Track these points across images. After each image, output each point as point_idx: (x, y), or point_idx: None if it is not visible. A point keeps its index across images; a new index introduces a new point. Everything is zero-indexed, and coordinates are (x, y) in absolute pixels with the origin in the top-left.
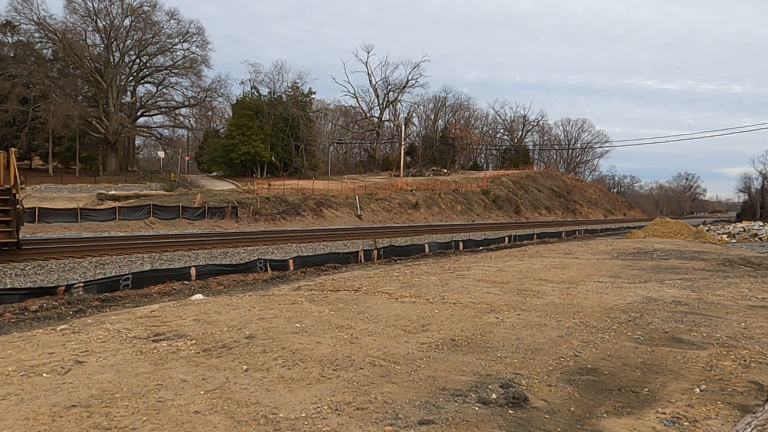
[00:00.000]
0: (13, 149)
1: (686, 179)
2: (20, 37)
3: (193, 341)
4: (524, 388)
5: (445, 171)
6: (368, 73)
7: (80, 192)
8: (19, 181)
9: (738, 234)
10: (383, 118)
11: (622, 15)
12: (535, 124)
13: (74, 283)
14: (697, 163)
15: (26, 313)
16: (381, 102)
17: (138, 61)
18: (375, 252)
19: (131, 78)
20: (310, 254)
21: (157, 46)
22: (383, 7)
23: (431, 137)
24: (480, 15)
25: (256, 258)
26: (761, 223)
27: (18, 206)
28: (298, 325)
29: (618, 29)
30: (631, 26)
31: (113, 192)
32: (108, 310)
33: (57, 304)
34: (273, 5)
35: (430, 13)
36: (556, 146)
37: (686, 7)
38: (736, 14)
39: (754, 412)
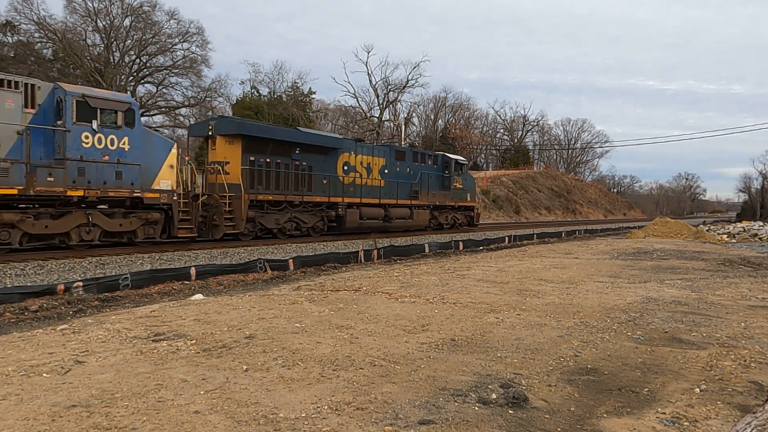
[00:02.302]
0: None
1: (686, 179)
2: (20, 37)
3: (193, 341)
4: (524, 388)
5: None
6: (368, 73)
7: None
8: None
9: (738, 234)
10: (383, 118)
11: (624, 15)
12: (535, 124)
13: (74, 283)
14: (697, 163)
15: (26, 313)
16: (381, 102)
17: (138, 61)
18: (375, 252)
19: (131, 78)
20: (310, 254)
21: (157, 46)
22: (385, 7)
23: (431, 137)
24: (481, 15)
25: (256, 258)
26: (761, 223)
27: (477, 211)
28: (298, 325)
29: (620, 29)
30: (633, 26)
31: None
32: (108, 309)
33: (57, 304)
34: (275, 5)
35: (431, 13)
36: (556, 146)
37: (689, 6)
38: (738, 14)
39: (754, 412)
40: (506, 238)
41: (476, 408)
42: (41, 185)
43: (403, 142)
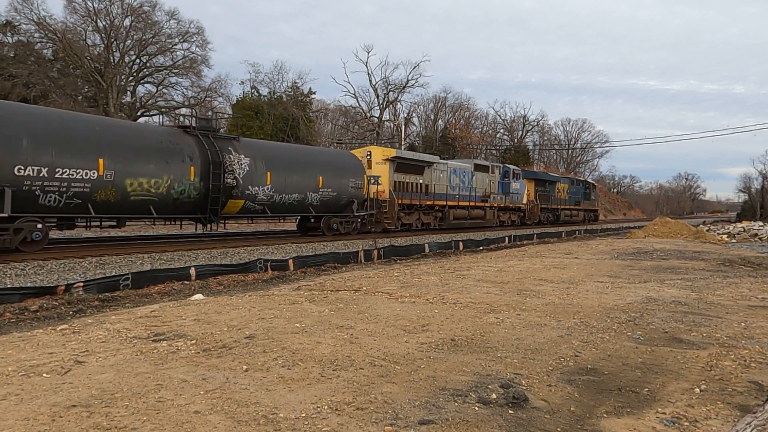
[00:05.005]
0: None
1: (686, 179)
2: (20, 37)
3: (193, 341)
4: (524, 388)
5: None
6: (368, 73)
7: None
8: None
9: (738, 234)
10: (383, 118)
11: (626, 15)
12: (535, 124)
13: (74, 283)
14: (697, 163)
15: (26, 313)
16: (381, 102)
17: (138, 61)
18: (375, 252)
19: (131, 78)
20: (310, 254)
21: (157, 46)
22: (387, 7)
23: (431, 137)
24: (483, 15)
25: (256, 258)
26: (761, 223)
27: (598, 212)
28: (298, 325)
29: (622, 29)
30: (635, 26)
31: None
32: (108, 309)
33: (57, 304)
34: (276, 5)
35: (433, 13)
36: (556, 146)
37: (691, 7)
38: (740, 14)
39: (754, 412)
40: (506, 238)
41: (476, 408)
42: (501, 203)
43: (402, 143)
